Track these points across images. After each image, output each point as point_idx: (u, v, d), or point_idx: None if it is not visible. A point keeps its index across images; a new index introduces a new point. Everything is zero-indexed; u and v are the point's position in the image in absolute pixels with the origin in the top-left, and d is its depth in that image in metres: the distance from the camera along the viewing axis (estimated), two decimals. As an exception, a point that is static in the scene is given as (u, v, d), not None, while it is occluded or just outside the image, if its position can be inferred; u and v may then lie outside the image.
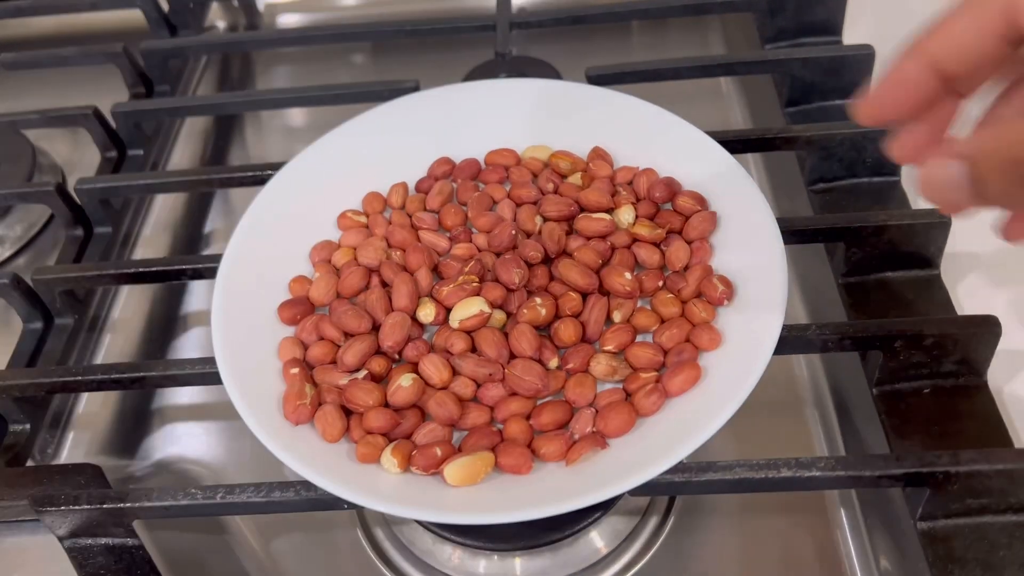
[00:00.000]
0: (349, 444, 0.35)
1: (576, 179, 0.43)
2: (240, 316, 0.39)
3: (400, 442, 0.34)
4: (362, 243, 0.42)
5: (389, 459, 0.33)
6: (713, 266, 0.39)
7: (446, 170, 0.45)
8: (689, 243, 0.39)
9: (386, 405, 0.35)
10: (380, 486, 0.33)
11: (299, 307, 0.40)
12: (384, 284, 0.40)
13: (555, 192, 0.43)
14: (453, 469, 0.33)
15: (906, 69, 0.22)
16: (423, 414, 0.36)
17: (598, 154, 0.44)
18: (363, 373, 0.37)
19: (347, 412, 0.36)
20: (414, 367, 0.37)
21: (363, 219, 0.44)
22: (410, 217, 0.44)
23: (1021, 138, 0.20)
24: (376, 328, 0.38)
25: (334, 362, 0.38)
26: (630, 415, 0.34)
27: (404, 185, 0.45)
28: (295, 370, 0.37)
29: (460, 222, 0.43)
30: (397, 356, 0.37)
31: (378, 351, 0.37)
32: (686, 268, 0.39)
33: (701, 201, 0.40)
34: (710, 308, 0.36)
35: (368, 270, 0.41)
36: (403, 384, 0.35)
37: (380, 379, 0.37)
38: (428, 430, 0.35)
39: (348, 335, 0.38)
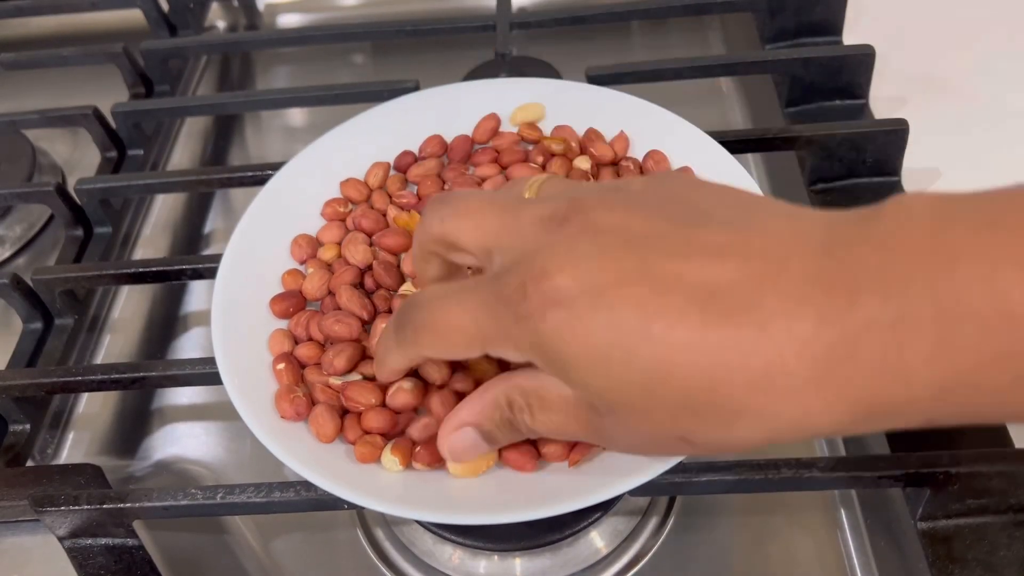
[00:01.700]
0: (349, 444, 0.35)
1: (583, 162, 0.43)
2: (240, 316, 0.39)
3: (399, 440, 0.34)
4: (347, 240, 0.42)
5: (390, 458, 0.33)
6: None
7: (436, 150, 0.45)
8: None
9: (383, 406, 0.36)
10: (381, 486, 0.33)
11: (291, 300, 0.40)
12: (378, 286, 0.40)
13: (542, 167, 0.43)
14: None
15: None
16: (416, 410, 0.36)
17: (595, 136, 0.44)
18: (357, 376, 0.37)
19: (338, 411, 0.36)
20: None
21: (347, 208, 0.44)
22: (391, 197, 0.44)
23: (491, 412, 0.29)
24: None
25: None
26: None
27: (384, 165, 0.45)
28: (281, 366, 0.37)
29: (437, 190, 0.43)
30: None
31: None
32: None
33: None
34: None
35: (359, 269, 0.41)
36: (404, 387, 0.35)
37: (374, 379, 0.37)
38: (423, 424, 0.35)
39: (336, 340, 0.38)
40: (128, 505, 0.35)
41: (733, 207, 0.25)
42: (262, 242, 0.42)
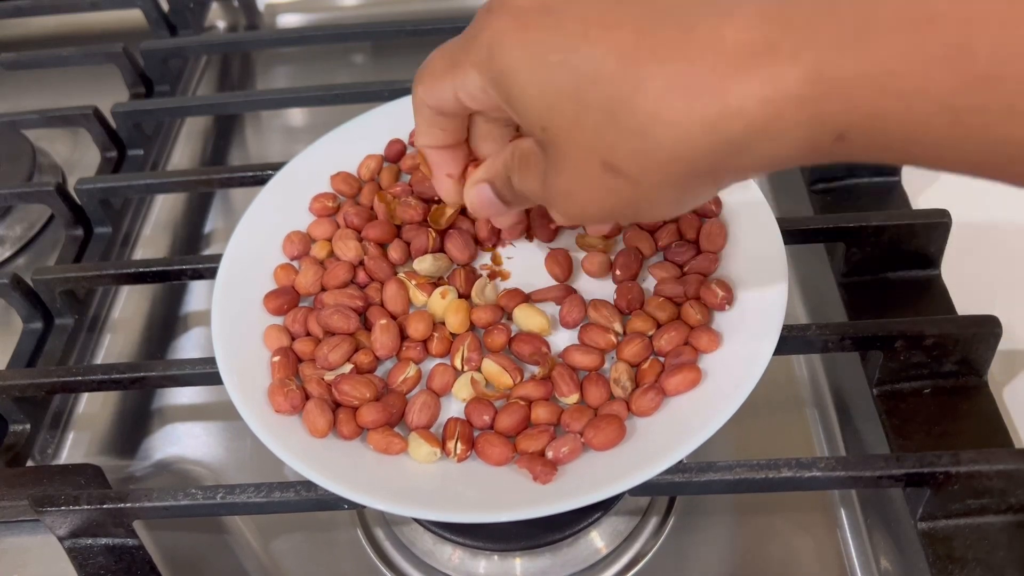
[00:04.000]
0: (349, 443, 0.35)
1: None
2: (240, 315, 0.39)
3: (423, 431, 0.34)
4: (337, 235, 0.42)
5: (428, 450, 0.33)
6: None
7: None
8: (700, 252, 0.39)
9: (383, 394, 0.36)
10: (380, 484, 0.33)
11: (285, 297, 0.40)
12: (371, 278, 0.40)
13: None
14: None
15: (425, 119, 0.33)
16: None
17: None
18: (349, 367, 0.37)
19: (330, 406, 0.36)
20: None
21: (336, 202, 0.44)
22: (379, 187, 0.44)
23: (498, 166, 0.31)
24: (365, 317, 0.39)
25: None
26: (619, 430, 0.33)
27: (378, 158, 0.45)
28: (277, 359, 0.37)
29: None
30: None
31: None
32: (683, 268, 0.38)
33: (716, 201, 0.40)
34: (705, 310, 0.36)
35: (352, 264, 0.41)
36: (410, 375, 0.36)
37: (368, 371, 0.37)
38: (421, 403, 0.35)
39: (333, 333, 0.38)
40: (128, 505, 0.35)
41: None
42: (262, 242, 0.42)
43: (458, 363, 0.37)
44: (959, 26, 0.20)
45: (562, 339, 0.37)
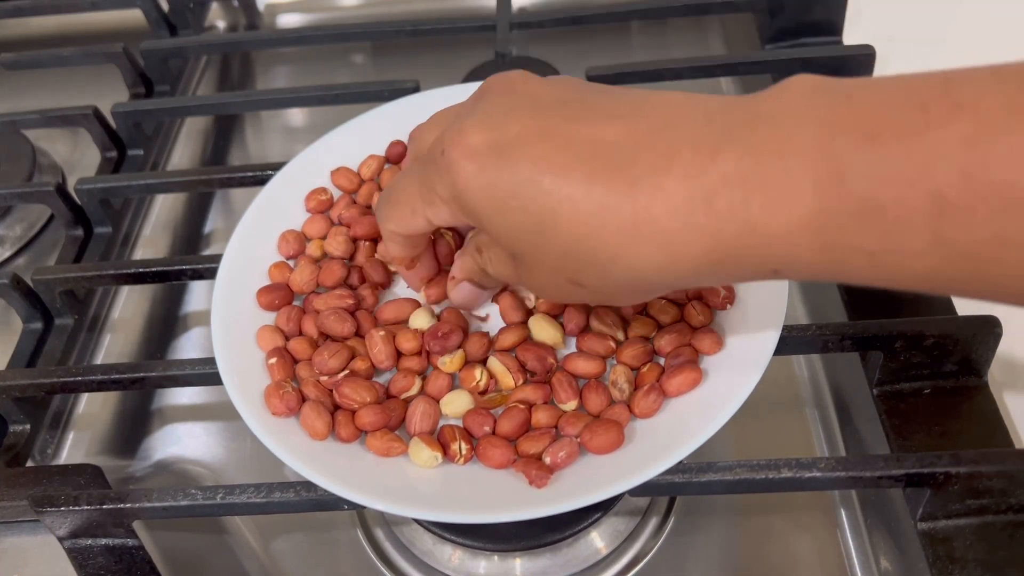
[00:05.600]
0: (348, 443, 0.35)
1: None
2: (239, 315, 0.39)
3: (424, 436, 0.34)
4: (330, 233, 0.42)
5: (430, 454, 0.33)
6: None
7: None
8: None
9: (383, 399, 0.36)
10: (381, 485, 0.33)
11: (278, 293, 0.40)
12: (363, 279, 0.40)
13: None
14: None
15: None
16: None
17: None
18: (345, 372, 0.37)
19: (328, 408, 0.36)
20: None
21: (327, 194, 0.44)
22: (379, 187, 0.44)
23: (469, 264, 0.34)
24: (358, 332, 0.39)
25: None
26: (617, 436, 0.33)
27: (380, 159, 0.45)
28: (273, 360, 0.37)
29: None
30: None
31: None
32: None
33: None
34: (707, 311, 0.36)
35: (343, 260, 0.41)
36: (412, 393, 0.36)
37: (366, 379, 0.37)
38: (421, 411, 0.35)
39: (330, 337, 0.38)
40: (128, 505, 0.35)
41: (639, 93, 0.28)
42: (261, 242, 0.42)
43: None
44: (869, 184, 0.22)
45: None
